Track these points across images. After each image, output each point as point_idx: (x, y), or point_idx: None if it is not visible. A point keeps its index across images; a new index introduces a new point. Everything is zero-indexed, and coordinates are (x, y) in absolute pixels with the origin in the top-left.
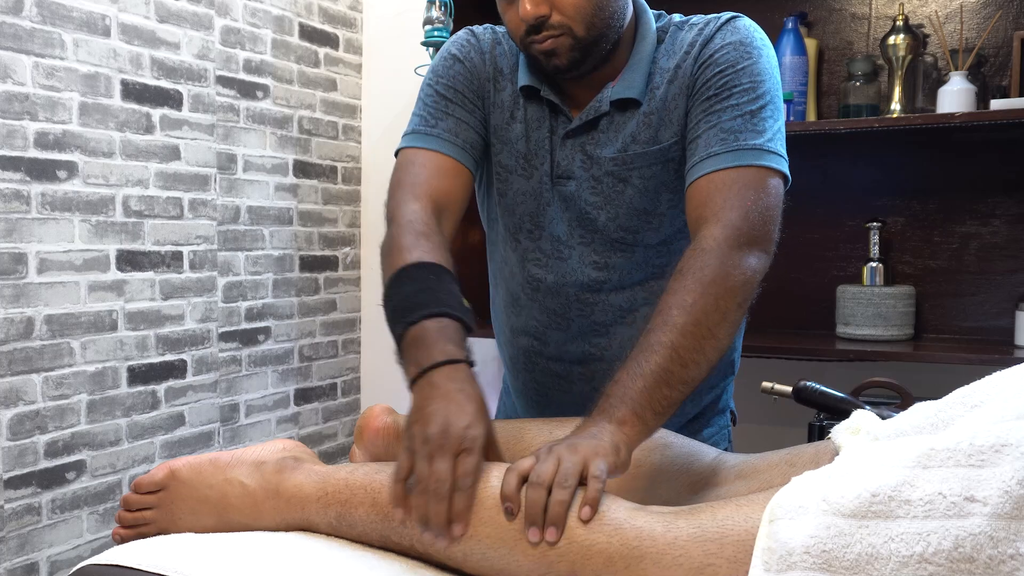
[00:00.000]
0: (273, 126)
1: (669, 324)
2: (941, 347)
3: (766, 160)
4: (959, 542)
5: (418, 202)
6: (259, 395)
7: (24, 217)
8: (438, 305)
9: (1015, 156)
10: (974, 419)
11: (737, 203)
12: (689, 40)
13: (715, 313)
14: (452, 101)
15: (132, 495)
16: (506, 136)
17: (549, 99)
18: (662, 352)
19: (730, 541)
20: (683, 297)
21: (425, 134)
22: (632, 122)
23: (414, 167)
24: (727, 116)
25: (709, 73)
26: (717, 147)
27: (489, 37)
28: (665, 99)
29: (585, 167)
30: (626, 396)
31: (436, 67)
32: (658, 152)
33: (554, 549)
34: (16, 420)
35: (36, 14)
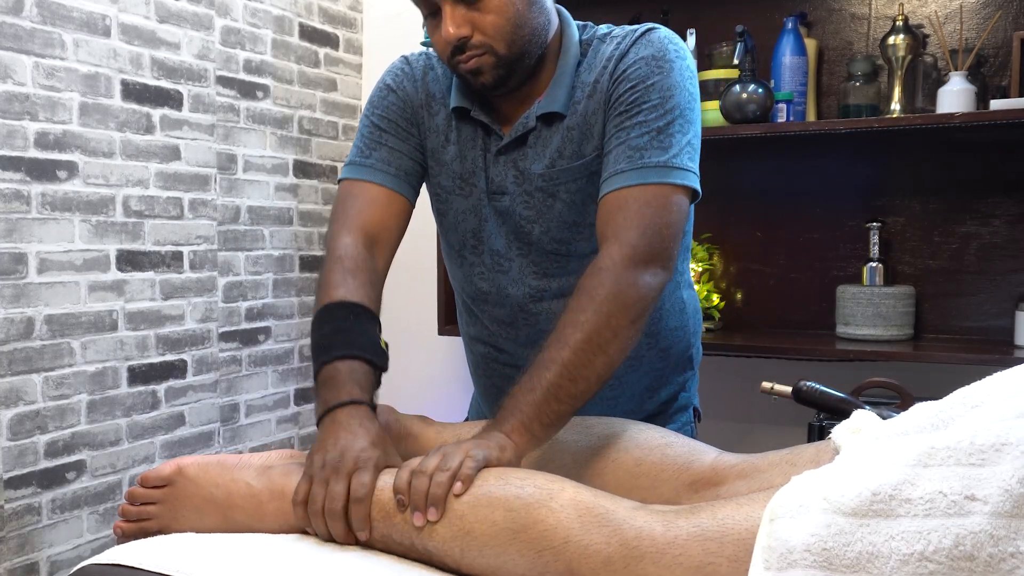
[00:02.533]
0: (273, 126)
1: (562, 341)
2: (941, 347)
3: (670, 177)
4: (959, 540)
5: (351, 235)
6: (259, 395)
7: (24, 217)
8: (351, 347)
9: (1015, 156)
10: (974, 418)
11: (636, 222)
12: (608, 54)
13: (606, 330)
14: (385, 131)
15: (137, 489)
16: (442, 158)
17: (479, 119)
18: (554, 368)
19: (730, 540)
20: (577, 315)
21: (360, 165)
22: (557, 136)
23: (350, 199)
24: (635, 133)
25: (622, 88)
26: (623, 164)
27: (422, 64)
28: (586, 113)
29: (518, 182)
30: (516, 409)
31: (372, 98)
32: (582, 167)
33: (551, 549)
34: (16, 420)
35: (36, 14)
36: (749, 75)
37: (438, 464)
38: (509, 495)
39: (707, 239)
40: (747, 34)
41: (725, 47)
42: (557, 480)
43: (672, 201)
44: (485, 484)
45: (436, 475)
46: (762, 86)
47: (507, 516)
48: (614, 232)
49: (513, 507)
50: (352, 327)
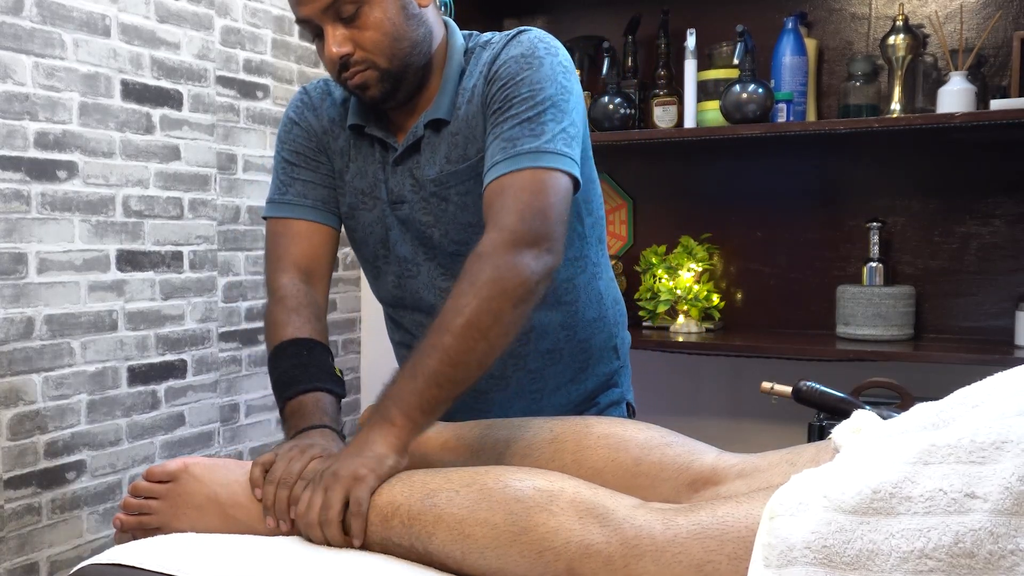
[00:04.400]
0: (273, 126)
1: (443, 327)
2: (941, 347)
3: (543, 161)
4: (959, 537)
5: (286, 274)
6: (259, 395)
7: (24, 217)
8: (311, 380)
9: (1015, 156)
10: (975, 416)
11: (512, 206)
12: (485, 59)
13: (487, 315)
14: (296, 165)
15: (141, 483)
16: (345, 178)
17: (373, 134)
18: (435, 355)
19: (730, 538)
20: (458, 301)
21: (279, 203)
22: (444, 142)
23: (277, 238)
24: (507, 126)
25: (494, 88)
26: (498, 155)
27: (320, 91)
28: (468, 118)
29: (415, 190)
30: (398, 397)
31: (280, 133)
32: (468, 169)
33: (552, 550)
34: (16, 420)
35: (36, 14)
36: (749, 75)
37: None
38: (509, 498)
39: (707, 239)
40: (747, 34)
41: (725, 47)
42: (557, 480)
43: (548, 184)
44: (484, 487)
45: (326, 529)
46: (762, 86)
47: (507, 519)
48: (493, 218)
49: (513, 510)
50: (308, 361)
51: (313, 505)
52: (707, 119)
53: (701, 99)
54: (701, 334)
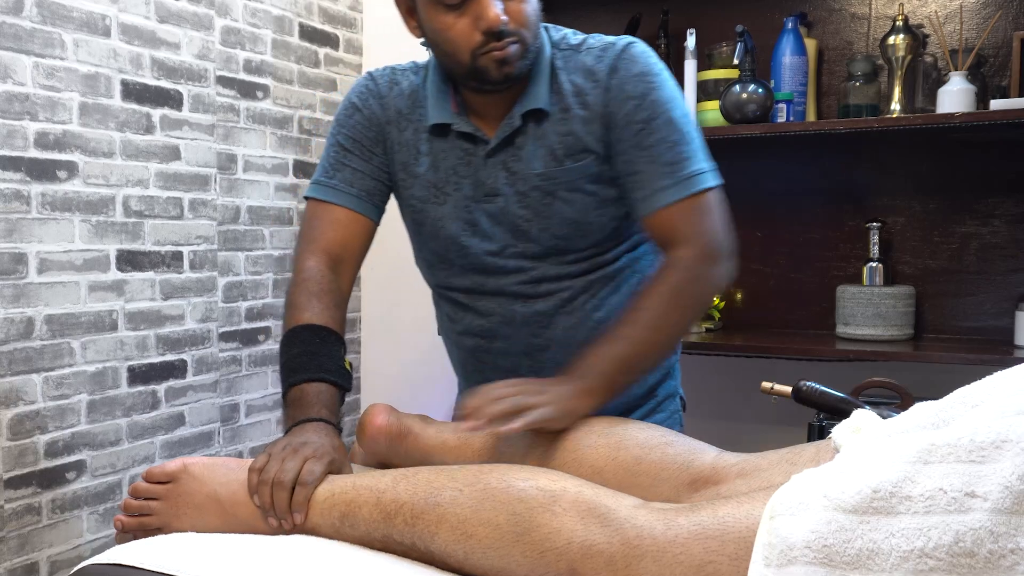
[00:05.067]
0: (273, 126)
1: (641, 324)
2: (941, 347)
3: (707, 182)
4: (959, 537)
5: (315, 257)
6: (259, 395)
7: (24, 217)
8: (318, 370)
9: (1015, 156)
10: (975, 416)
11: (700, 227)
12: (589, 64)
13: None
14: (350, 151)
15: (141, 484)
16: (415, 171)
17: (462, 130)
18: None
19: (731, 538)
20: (655, 301)
21: (324, 186)
22: (546, 136)
23: (313, 220)
24: (659, 149)
25: (627, 107)
26: (664, 180)
27: (387, 79)
28: (581, 119)
29: (510, 183)
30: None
31: (338, 117)
32: (579, 168)
33: (554, 550)
34: (16, 420)
35: (36, 14)
36: (749, 75)
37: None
38: (512, 498)
39: None
40: (747, 34)
41: (725, 47)
42: (559, 479)
43: (715, 203)
44: (487, 487)
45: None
46: (762, 86)
47: (510, 519)
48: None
49: (516, 511)
50: (319, 350)
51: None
52: (707, 119)
53: (701, 99)
54: (701, 334)
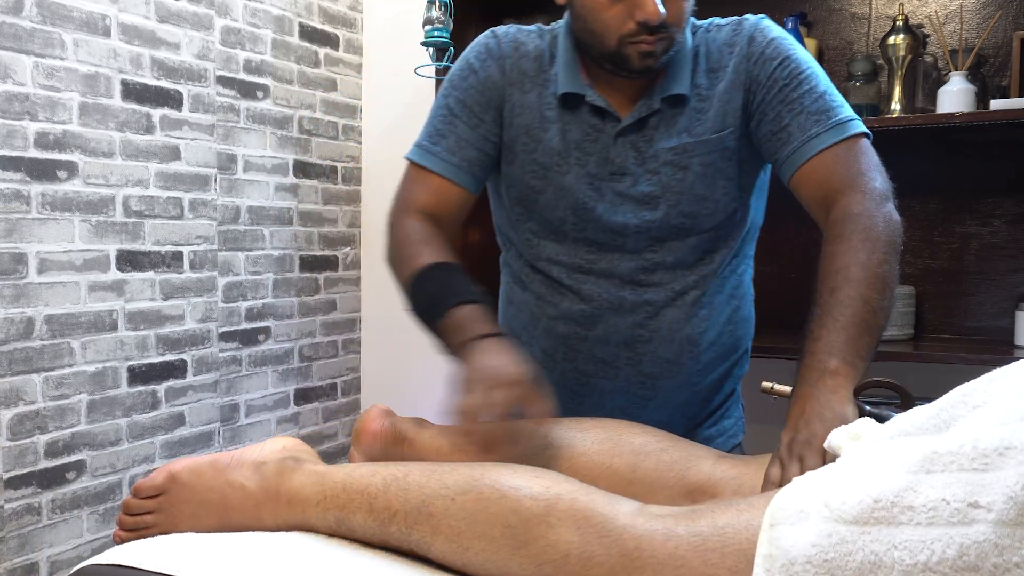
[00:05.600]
0: (273, 126)
1: (854, 280)
2: (941, 347)
3: (858, 127)
4: (963, 550)
5: (412, 216)
6: (259, 395)
7: (24, 217)
8: (463, 295)
9: (1015, 156)
10: (976, 420)
11: (861, 168)
12: (725, 39)
13: (887, 264)
14: (458, 116)
15: (132, 499)
16: (539, 136)
17: (595, 104)
18: (854, 305)
19: (731, 550)
20: (856, 256)
21: (427, 151)
22: (683, 116)
23: (413, 185)
24: (808, 100)
25: (770, 67)
26: (815, 128)
27: (511, 40)
28: (719, 93)
29: (638, 163)
30: (833, 348)
31: (452, 76)
32: (717, 140)
33: (551, 562)
34: (16, 420)
35: (36, 14)
36: None
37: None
38: (505, 509)
39: None
40: None
41: None
42: (554, 484)
43: (870, 146)
44: (480, 497)
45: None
46: None
47: (505, 532)
48: (847, 183)
49: (511, 523)
50: (454, 280)
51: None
52: None
53: None
54: None
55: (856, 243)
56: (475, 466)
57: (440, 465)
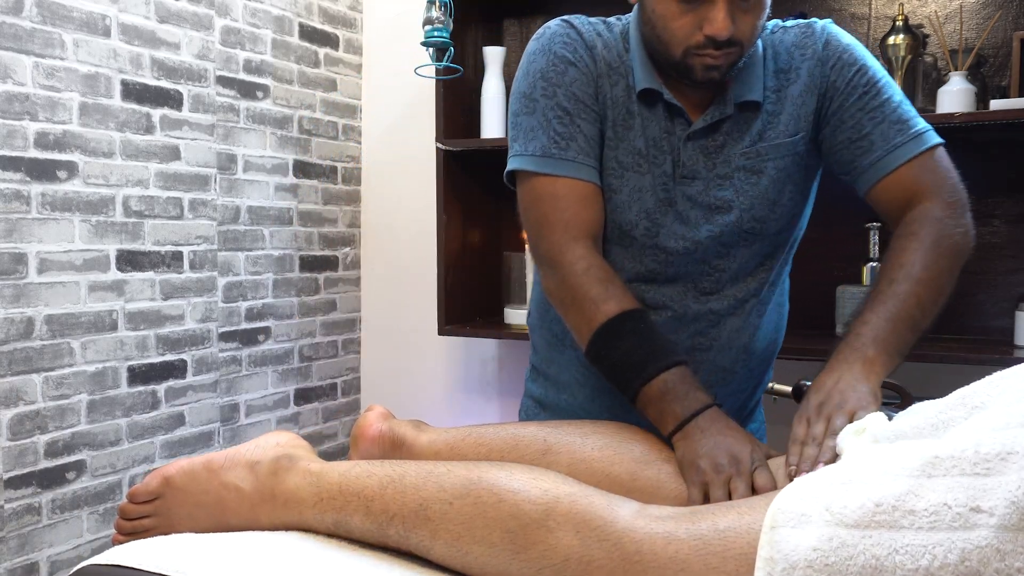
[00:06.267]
0: (273, 126)
1: (912, 277)
2: (941, 347)
3: (936, 138)
4: (965, 555)
5: (579, 244)
6: (259, 395)
7: (24, 217)
8: (666, 356)
9: (1015, 156)
10: (977, 423)
11: (945, 179)
12: (795, 42)
13: (948, 272)
14: (575, 115)
15: (128, 505)
16: (623, 133)
17: (671, 102)
18: (908, 300)
19: (732, 555)
20: (922, 255)
21: (559, 159)
22: (756, 120)
23: (559, 201)
24: (888, 109)
25: (848, 74)
26: (899, 138)
27: (589, 29)
28: (792, 97)
29: (708, 167)
30: (877, 337)
31: (546, 72)
32: (790, 144)
33: (552, 567)
34: (16, 420)
35: (36, 14)
36: None
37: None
38: (504, 514)
39: None
40: None
41: None
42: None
43: (945, 155)
44: (478, 501)
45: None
46: None
47: (504, 537)
48: (928, 191)
49: (510, 528)
50: (652, 335)
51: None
52: None
53: None
54: None
55: (928, 244)
56: (471, 468)
57: (436, 466)
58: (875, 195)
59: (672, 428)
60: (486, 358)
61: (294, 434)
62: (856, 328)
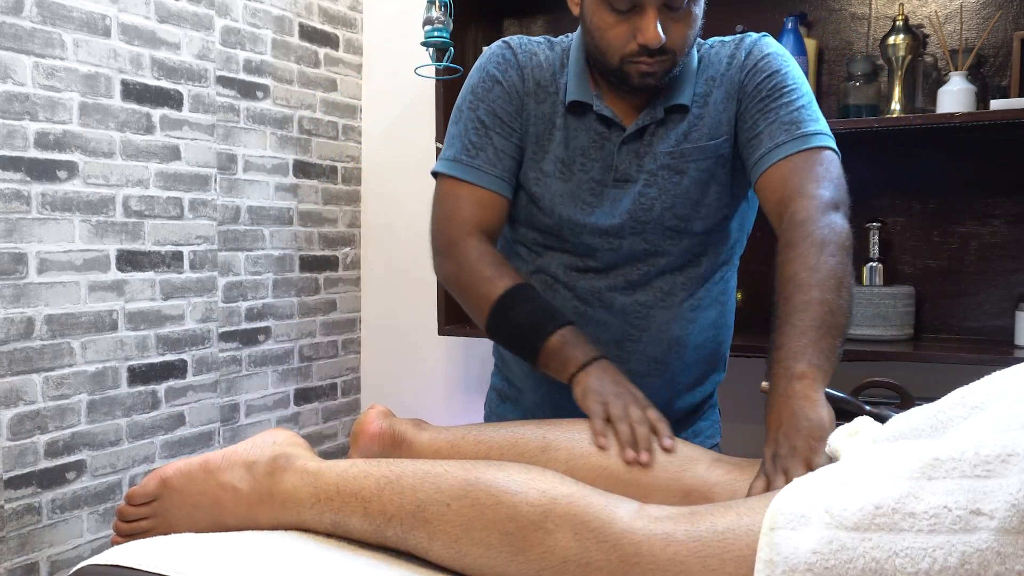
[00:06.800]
0: (273, 126)
1: (805, 285)
2: (941, 347)
3: (823, 141)
4: (965, 558)
5: (472, 237)
6: (259, 395)
7: (24, 217)
8: (561, 318)
9: (1015, 156)
10: (977, 424)
11: (813, 177)
12: (727, 53)
13: (838, 266)
14: (491, 129)
15: (126, 507)
16: (547, 145)
17: (600, 112)
18: (810, 308)
19: (731, 556)
20: (805, 261)
21: (467, 165)
22: (683, 123)
23: (459, 201)
24: (783, 112)
25: (758, 79)
26: (782, 137)
27: (525, 50)
28: (714, 103)
29: (640, 168)
30: (798, 353)
31: (475, 88)
32: (713, 147)
33: (551, 568)
34: (16, 420)
35: (36, 14)
36: None
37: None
38: (502, 516)
39: None
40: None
41: None
42: (550, 487)
43: (834, 160)
44: (476, 503)
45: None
46: None
47: (503, 539)
48: (796, 190)
49: (508, 530)
50: (545, 303)
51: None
52: None
53: None
54: None
55: (803, 248)
56: (469, 468)
57: (433, 466)
58: (757, 192)
59: (573, 370)
60: (486, 358)
61: (291, 432)
62: (775, 357)
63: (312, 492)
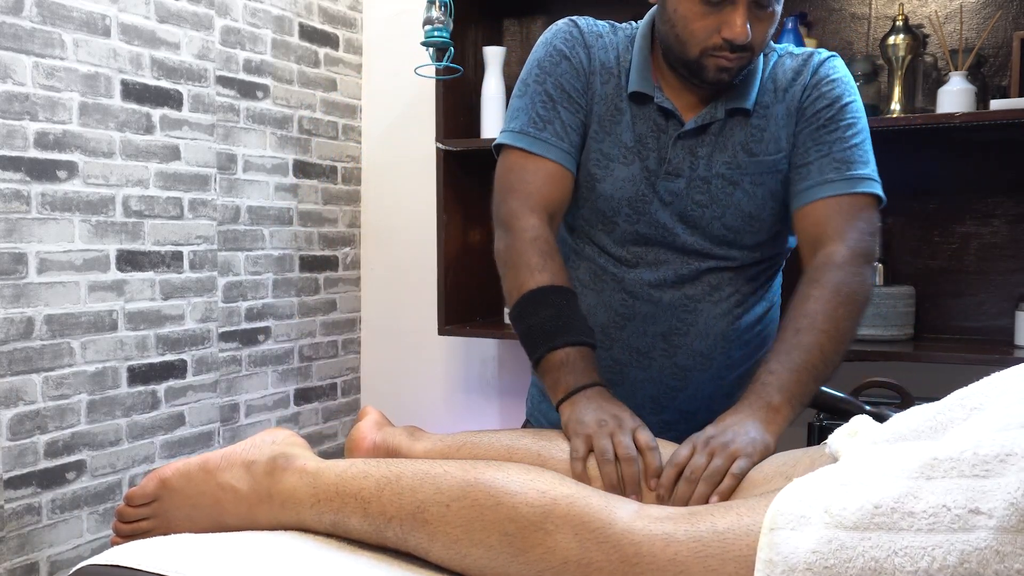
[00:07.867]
0: (273, 126)
1: (816, 329)
2: (941, 347)
3: (873, 188)
4: (964, 557)
5: (534, 215)
6: (259, 395)
7: (24, 217)
8: (576, 333)
9: (1015, 156)
10: (976, 424)
11: (856, 225)
12: (794, 67)
13: (849, 322)
14: (559, 103)
15: (126, 508)
16: (611, 128)
17: (662, 105)
18: (811, 351)
19: (731, 556)
20: (826, 305)
21: (535, 138)
22: (741, 131)
23: (525, 173)
24: (837, 147)
25: (819, 104)
26: (832, 174)
27: (591, 30)
28: (776, 116)
29: (692, 167)
30: (783, 386)
31: (542, 63)
32: (771, 163)
33: (551, 569)
34: (16, 420)
35: (36, 14)
36: None
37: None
38: (502, 517)
39: None
40: None
41: None
42: (550, 488)
43: (875, 210)
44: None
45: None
46: None
47: (502, 540)
48: (837, 233)
49: (508, 531)
50: (570, 313)
51: (696, 465)
52: None
53: None
54: None
55: (829, 293)
56: (468, 469)
57: (433, 466)
58: (795, 221)
59: (561, 396)
60: (486, 358)
61: (290, 431)
62: (763, 376)
63: (312, 492)
